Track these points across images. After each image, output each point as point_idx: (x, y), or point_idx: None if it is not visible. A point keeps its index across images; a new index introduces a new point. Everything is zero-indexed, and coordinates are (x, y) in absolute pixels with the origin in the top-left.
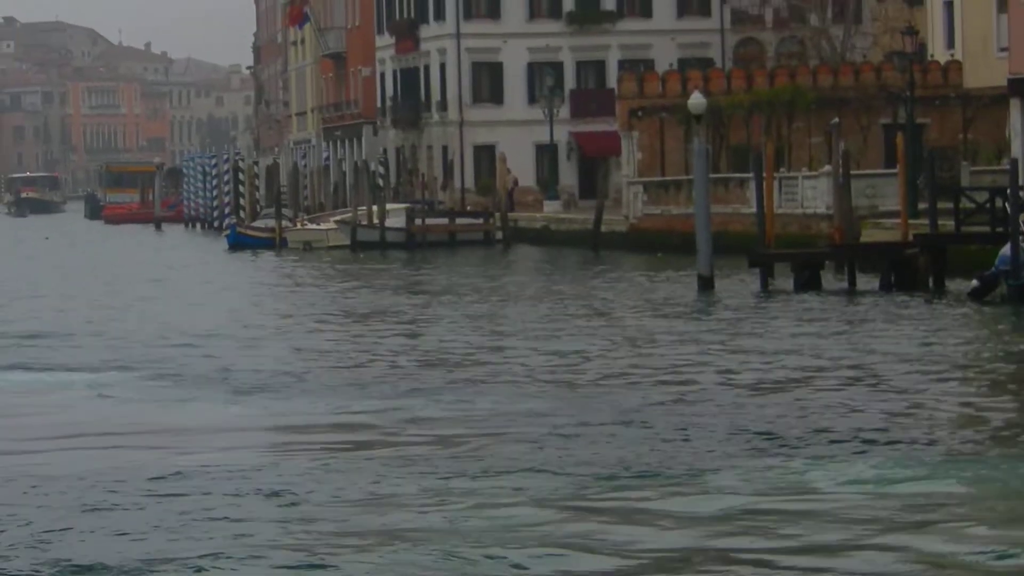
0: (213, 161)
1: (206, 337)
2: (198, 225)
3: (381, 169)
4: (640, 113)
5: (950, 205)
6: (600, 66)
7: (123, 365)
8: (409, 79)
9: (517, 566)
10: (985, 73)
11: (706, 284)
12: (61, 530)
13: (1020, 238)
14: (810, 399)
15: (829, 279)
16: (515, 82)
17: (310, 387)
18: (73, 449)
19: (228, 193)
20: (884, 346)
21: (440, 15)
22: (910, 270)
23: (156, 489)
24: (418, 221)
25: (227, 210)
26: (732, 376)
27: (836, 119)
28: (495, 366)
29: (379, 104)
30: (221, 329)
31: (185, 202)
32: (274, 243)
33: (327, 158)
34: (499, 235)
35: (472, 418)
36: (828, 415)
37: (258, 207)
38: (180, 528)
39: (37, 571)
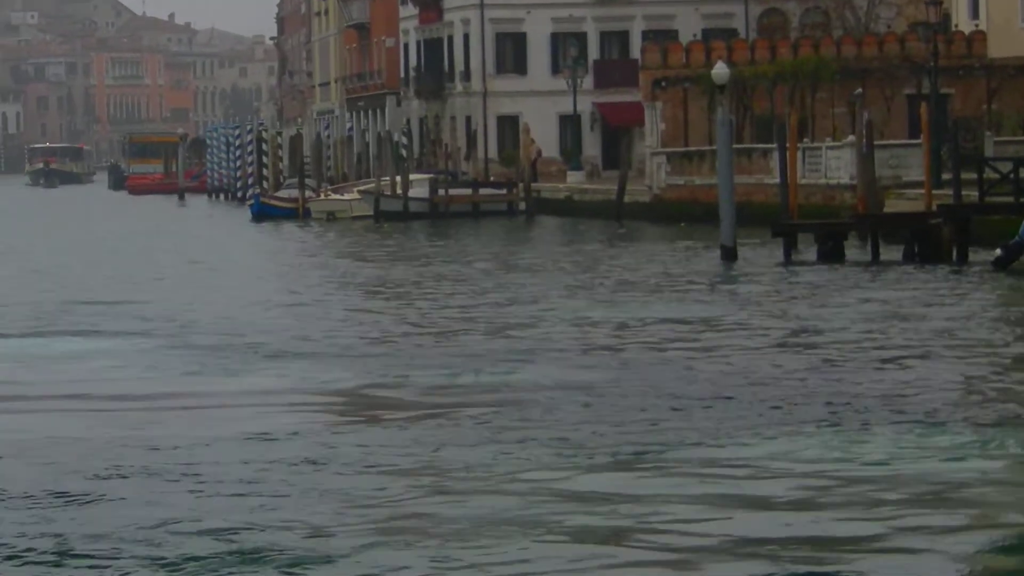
0: (236, 132)
1: (235, 307)
2: (221, 196)
3: (404, 140)
4: (663, 83)
5: (974, 175)
6: (624, 36)
7: (150, 333)
8: (432, 49)
9: (546, 531)
10: (1009, 43)
11: (729, 254)
12: (88, 499)
13: None
14: (844, 371)
15: (852, 250)
16: (539, 52)
17: (338, 354)
18: (84, 412)
19: (251, 164)
20: (910, 316)
21: None
22: (933, 240)
23: (186, 458)
24: (441, 191)
25: (250, 180)
26: (758, 347)
27: (859, 89)
28: (522, 338)
29: (402, 74)
30: (248, 298)
31: (208, 172)
32: (297, 213)
33: (350, 128)
34: (522, 206)
35: (507, 387)
36: (865, 387)
37: (281, 177)
38: (210, 496)
39: (64, 542)
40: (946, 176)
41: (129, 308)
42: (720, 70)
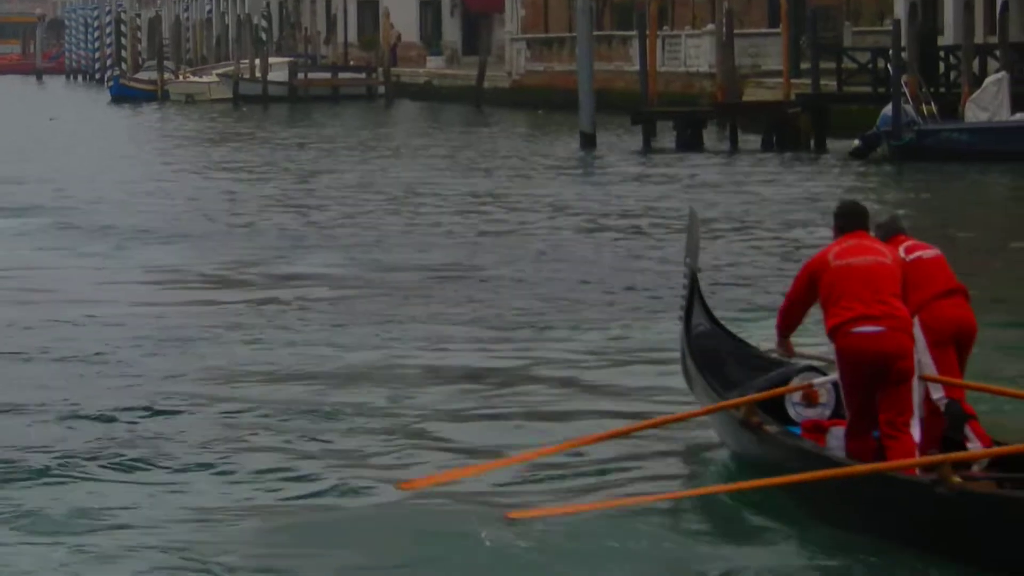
0: (95, 13)
1: (85, 185)
2: (80, 77)
3: (264, 23)
4: None
5: (832, 65)
6: None
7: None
8: None
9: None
10: None
11: (588, 141)
12: None
13: (901, 98)
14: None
15: (711, 138)
16: None
17: (188, 238)
18: None
19: (110, 45)
20: (765, 199)
21: None
22: (792, 129)
23: (55, 342)
24: (301, 75)
25: (109, 62)
26: (604, 232)
27: None
28: (376, 222)
29: None
30: (100, 178)
31: (67, 54)
32: (156, 95)
33: (210, 11)
34: (381, 90)
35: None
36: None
37: (140, 59)
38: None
39: None
40: (805, 66)
41: None
42: None
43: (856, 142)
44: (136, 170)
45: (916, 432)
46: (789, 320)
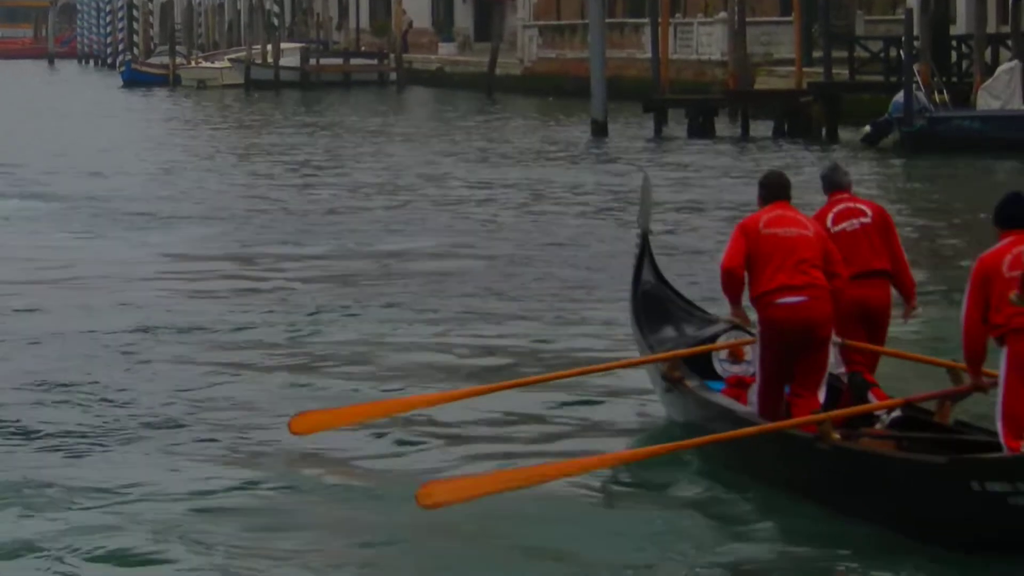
0: None
1: (94, 170)
2: (91, 62)
3: (276, 8)
4: None
5: (844, 54)
6: None
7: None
8: None
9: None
10: None
11: (600, 128)
12: None
13: (913, 87)
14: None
15: (723, 126)
16: None
17: (199, 221)
18: None
19: (122, 30)
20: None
21: None
22: (803, 118)
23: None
24: (312, 61)
25: (121, 47)
26: (613, 218)
27: None
28: (382, 208)
29: None
30: (110, 162)
31: (79, 38)
32: (168, 80)
33: None
34: (393, 76)
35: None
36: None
37: (152, 44)
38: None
39: None
40: (817, 54)
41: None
42: None
43: (867, 128)
44: (147, 154)
45: (822, 393)
46: (732, 283)
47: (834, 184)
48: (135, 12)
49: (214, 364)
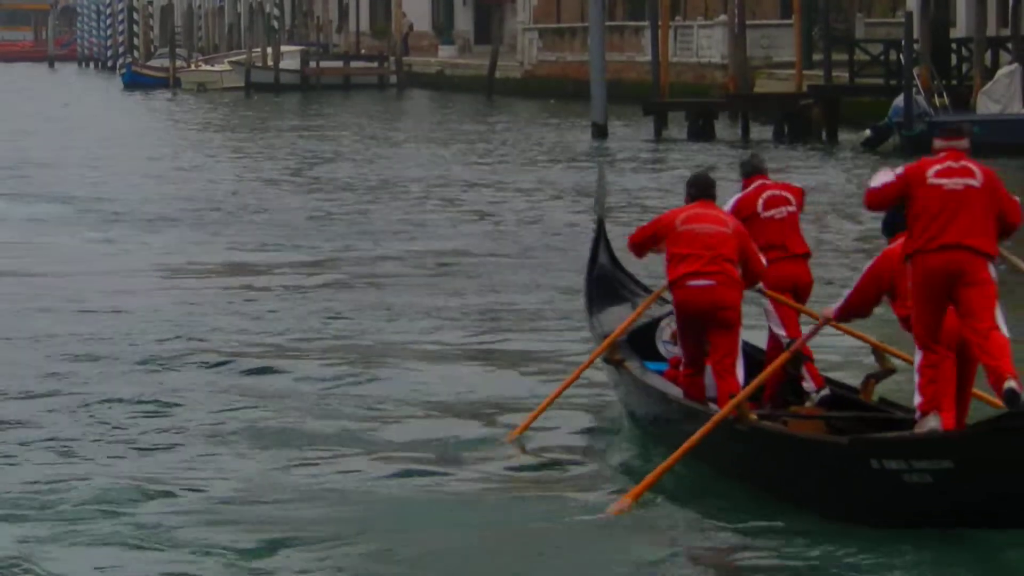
0: (108, 0)
1: (96, 172)
2: (92, 64)
3: (276, 11)
4: None
5: (844, 57)
6: None
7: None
8: None
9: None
10: None
11: (600, 131)
12: None
13: (913, 90)
14: None
15: (723, 128)
16: None
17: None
18: None
19: (122, 32)
20: None
21: None
22: (803, 120)
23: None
24: (312, 64)
25: (121, 49)
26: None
27: None
28: (382, 211)
29: None
30: (112, 165)
31: (79, 41)
32: (168, 83)
33: None
34: (393, 79)
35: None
36: None
37: (152, 47)
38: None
39: None
40: (817, 57)
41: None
42: None
43: (867, 133)
44: (149, 157)
45: (740, 373)
46: (635, 250)
47: (756, 169)
48: (135, 15)
49: (214, 364)
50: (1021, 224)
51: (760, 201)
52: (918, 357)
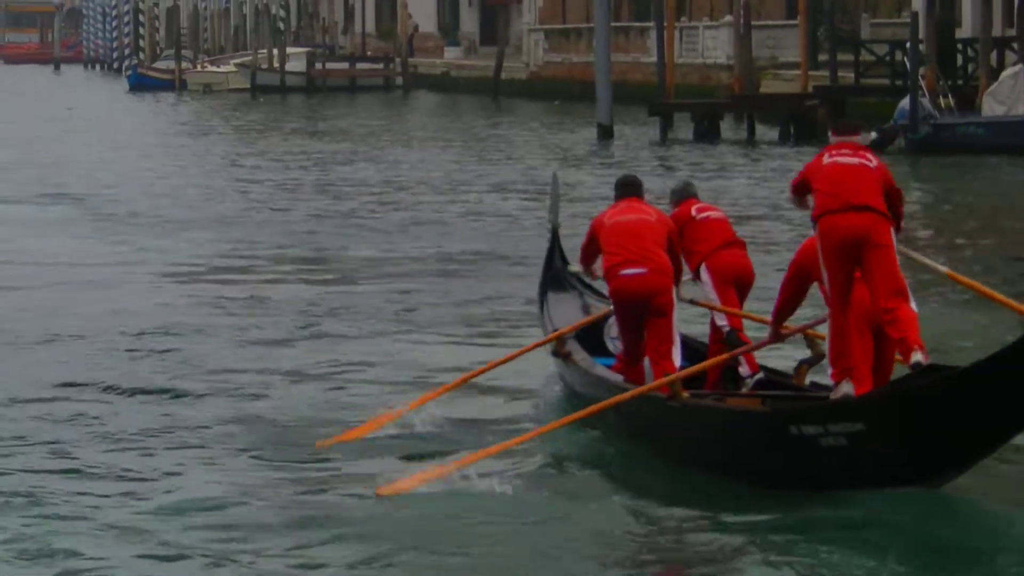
0: (113, 2)
1: (102, 174)
2: (98, 66)
3: (282, 13)
4: None
5: (850, 57)
6: None
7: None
8: None
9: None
10: None
11: (605, 132)
12: None
13: (918, 91)
14: None
15: (728, 129)
16: None
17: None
18: None
19: (128, 35)
20: (781, 190)
21: None
22: (809, 121)
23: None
24: (318, 65)
25: (127, 51)
26: None
27: None
28: (390, 212)
29: None
30: (118, 167)
31: (85, 43)
32: (174, 85)
33: (228, 0)
34: (399, 81)
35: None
36: None
37: (158, 49)
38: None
39: None
40: (822, 58)
41: (10, 174)
42: None
43: (873, 135)
44: (155, 159)
45: (677, 358)
46: (585, 264)
47: (689, 194)
48: (141, 17)
49: (216, 365)
50: (903, 218)
51: (692, 210)
52: (830, 325)
